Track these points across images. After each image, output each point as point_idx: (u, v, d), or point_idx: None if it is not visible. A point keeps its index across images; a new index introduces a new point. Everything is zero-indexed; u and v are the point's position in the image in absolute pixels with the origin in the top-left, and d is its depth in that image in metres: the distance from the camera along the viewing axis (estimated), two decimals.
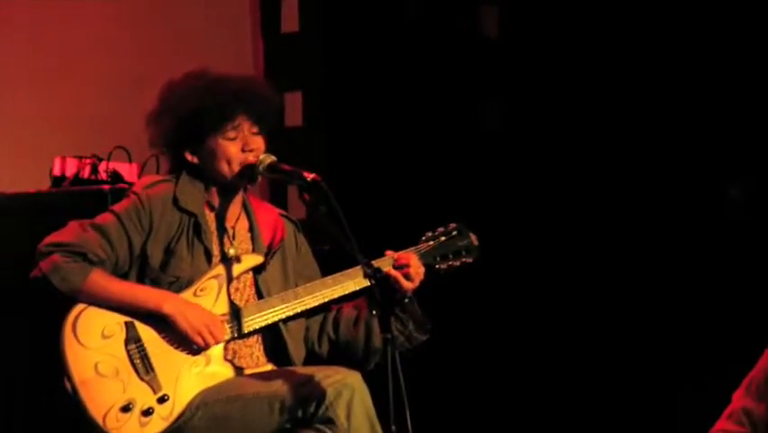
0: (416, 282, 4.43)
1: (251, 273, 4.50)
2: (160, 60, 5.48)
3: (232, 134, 4.46)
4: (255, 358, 4.47)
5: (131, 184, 5.13)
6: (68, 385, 4.31)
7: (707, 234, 5.69)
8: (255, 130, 4.48)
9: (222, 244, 4.50)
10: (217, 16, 6.07)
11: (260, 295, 4.48)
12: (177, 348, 4.37)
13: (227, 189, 4.53)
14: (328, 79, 6.01)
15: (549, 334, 5.79)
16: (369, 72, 5.96)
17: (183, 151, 4.50)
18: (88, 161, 5.49)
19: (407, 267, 4.43)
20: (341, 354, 4.53)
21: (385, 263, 4.42)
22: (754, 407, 4.59)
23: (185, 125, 4.46)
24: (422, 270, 4.45)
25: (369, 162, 5.88)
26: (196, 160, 4.49)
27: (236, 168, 4.46)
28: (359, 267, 4.32)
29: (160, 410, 4.30)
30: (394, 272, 4.41)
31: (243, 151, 4.45)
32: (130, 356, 4.33)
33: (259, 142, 4.48)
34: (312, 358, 4.55)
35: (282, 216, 4.67)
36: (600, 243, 5.81)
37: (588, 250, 5.82)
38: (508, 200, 5.81)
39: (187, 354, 4.38)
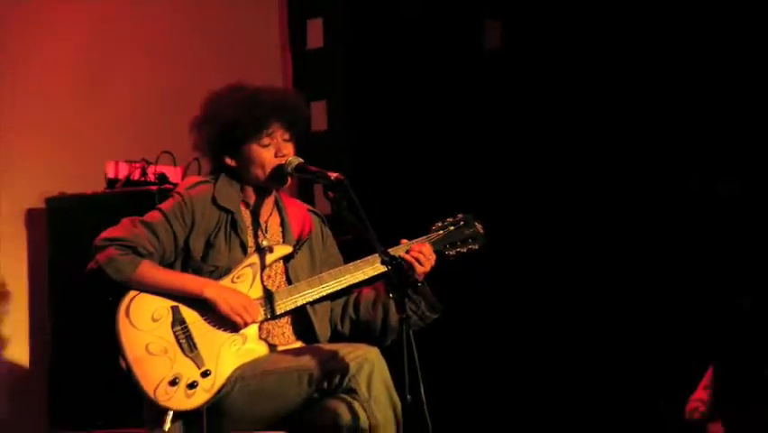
0: (428, 268, 4.46)
1: (281, 262, 4.52)
2: (199, 74, 5.52)
3: (266, 141, 4.49)
4: (286, 336, 4.50)
5: (175, 185, 5.15)
6: (122, 363, 4.36)
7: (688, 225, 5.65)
8: (287, 137, 4.51)
9: (256, 236, 4.53)
10: (250, 34, 6.10)
11: (289, 281, 4.51)
12: (217, 328, 4.41)
13: (261, 189, 4.56)
14: (349, 89, 6.01)
15: (547, 306, 5.75)
16: (385, 83, 5.97)
17: (223, 155, 4.52)
18: (138, 164, 5.53)
19: (421, 254, 4.45)
20: (361, 333, 4.56)
21: (400, 251, 4.45)
22: None
23: (225, 133, 4.48)
24: (433, 256, 4.48)
25: (386, 162, 5.89)
26: (234, 163, 4.52)
27: (269, 171, 4.49)
28: (377, 255, 4.33)
29: (204, 384, 4.34)
30: (409, 258, 4.43)
31: (276, 156, 4.48)
32: (176, 336, 4.37)
33: (289, 148, 4.51)
34: (335, 336, 4.58)
35: (310, 211, 4.71)
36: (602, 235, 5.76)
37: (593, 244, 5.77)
38: (512, 194, 5.79)
39: (227, 333, 4.41)
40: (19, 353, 5.62)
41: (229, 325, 4.40)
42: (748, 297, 5.65)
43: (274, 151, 4.48)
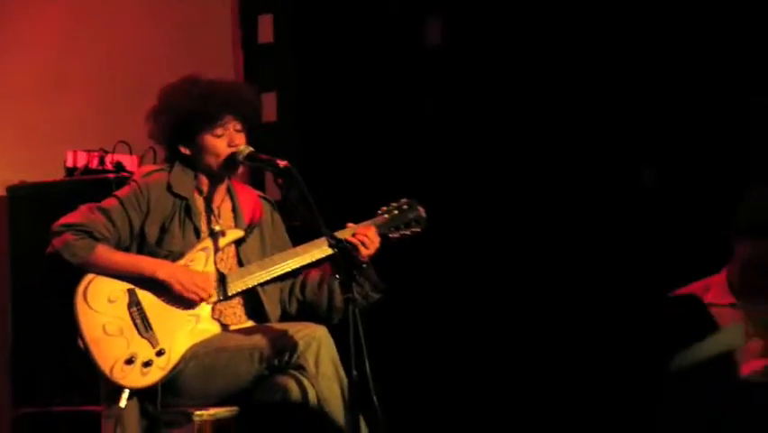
0: (373, 250, 4.47)
1: (233, 245, 4.53)
2: (155, 68, 5.48)
3: (219, 132, 4.48)
4: (238, 316, 4.50)
5: (131, 173, 5.13)
6: (80, 343, 4.35)
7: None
8: (239, 128, 4.51)
9: (209, 221, 4.53)
10: (204, 29, 6.08)
11: (241, 264, 4.52)
12: (172, 308, 4.40)
13: (214, 177, 4.55)
14: (298, 82, 6.01)
15: (495, 284, 5.73)
16: (331, 76, 5.97)
17: (178, 145, 4.52)
18: (96, 153, 5.51)
19: (365, 237, 4.46)
20: (307, 313, 4.56)
21: (346, 234, 4.46)
22: None
23: (180, 124, 4.48)
24: (377, 239, 4.49)
25: (333, 150, 5.89)
26: (188, 152, 4.51)
27: (222, 160, 4.48)
28: (324, 238, 4.35)
29: (158, 362, 4.34)
30: (354, 241, 4.44)
31: (229, 146, 4.47)
32: (132, 317, 4.36)
33: (242, 138, 4.51)
34: (284, 316, 4.59)
35: (261, 197, 4.71)
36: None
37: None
38: (454, 181, 5.79)
39: (182, 312, 4.40)
40: None
41: (183, 304, 4.41)
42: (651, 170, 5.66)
43: (227, 141, 4.48)
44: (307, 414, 4.22)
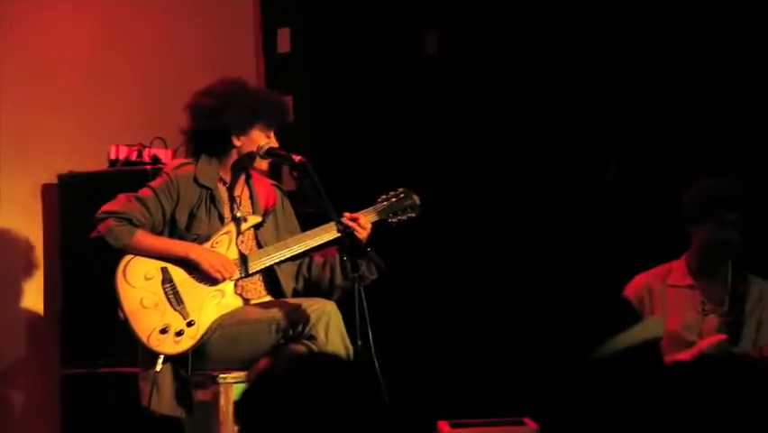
0: (367, 230, 4.41)
1: (252, 229, 4.54)
2: (187, 74, 5.49)
3: (268, 132, 4.48)
4: (257, 292, 4.52)
5: (165, 165, 5.12)
6: (120, 315, 4.39)
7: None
8: (270, 134, 4.51)
9: (231, 209, 4.53)
10: (229, 41, 6.09)
11: (259, 246, 4.53)
12: (200, 285, 4.43)
13: (236, 168, 4.54)
14: (311, 87, 6.01)
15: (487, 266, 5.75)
16: (342, 82, 5.98)
17: (233, 134, 4.45)
18: (135, 147, 5.51)
19: (358, 219, 4.42)
20: (312, 290, 4.56)
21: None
22: None
23: (247, 115, 4.43)
24: (369, 224, 4.44)
25: (341, 146, 5.90)
26: (239, 143, 4.46)
27: (245, 154, 4.47)
28: (331, 223, 4.36)
29: (189, 332, 4.36)
30: (350, 223, 4.38)
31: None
32: (165, 293, 4.39)
33: (274, 142, 4.51)
34: (292, 292, 4.59)
35: (274, 185, 4.70)
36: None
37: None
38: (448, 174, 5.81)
39: (208, 288, 4.42)
40: (35, 304, 5.62)
41: (210, 281, 4.42)
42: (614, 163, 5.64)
43: (268, 140, 4.46)
44: None
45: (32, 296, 5.60)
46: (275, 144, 4.49)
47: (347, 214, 4.46)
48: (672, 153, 5.51)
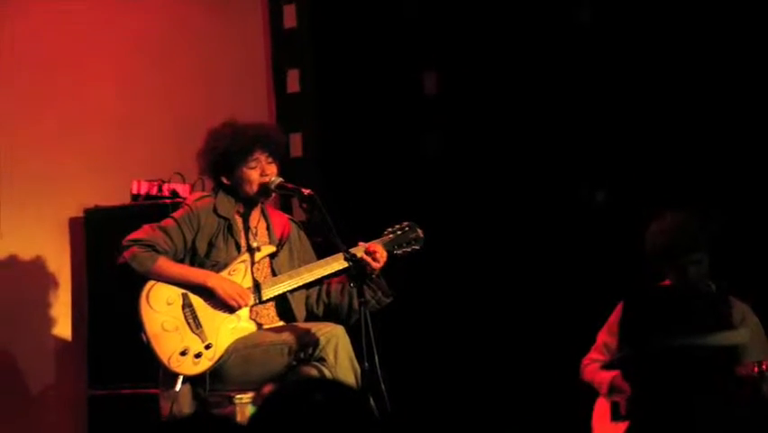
0: (381, 263, 4.42)
1: (267, 258, 4.51)
2: (203, 113, 5.45)
3: (253, 164, 4.45)
4: (271, 317, 4.49)
5: (184, 198, 5.11)
6: (143, 338, 4.35)
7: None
8: (270, 160, 4.47)
9: (247, 238, 4.50)
10: (243, 81, 6.09)
11: (273, 274, 4.50)
12: (217, 310, 4.39)
13: (251, 202, 4.52)
14: (319, 125, 6.00)
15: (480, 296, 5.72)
16: (347, 120, 5.97)
17: (220, 176, 4.49)
18: (155, 183, 5.48)
19: (375, 253, 4.41)
20: (331, 314, 4.53)
21: (359, 251, 4.42)
22: (610, 341, 4.59)
23: (221, 159, 4.45)
24: (385, 255, 4.44)
25: (348, 180, 5.88)
26: (229, 182, 4.48)
27: (256, 188, 4.45)
28: (341, 253, 4.33)
29: (207, 354, 4.33)
30: (366, 257, 4.39)
31: (261, 176, 4.44)
32: (185, 317, 4.36)
33: (272, 169, 4.47)
34: (311, 317, 4.56)
35: (289, 219, 4.69)
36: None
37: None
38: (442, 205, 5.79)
39: (225, 314, 4.39)
40: (64, 330, 5.58)
41: (226, 308, 4.38)
42: (602, 191, 5.60)
43: (260, 171, 4.44)
44: None
45: (61, 322, 5.56)
46: (274, 173, 4.45)
47: (364, 244, 4.43)
48: (654, 182, 5.48)
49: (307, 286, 4.51)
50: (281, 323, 4.47)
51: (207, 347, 4.32)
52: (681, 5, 5.41)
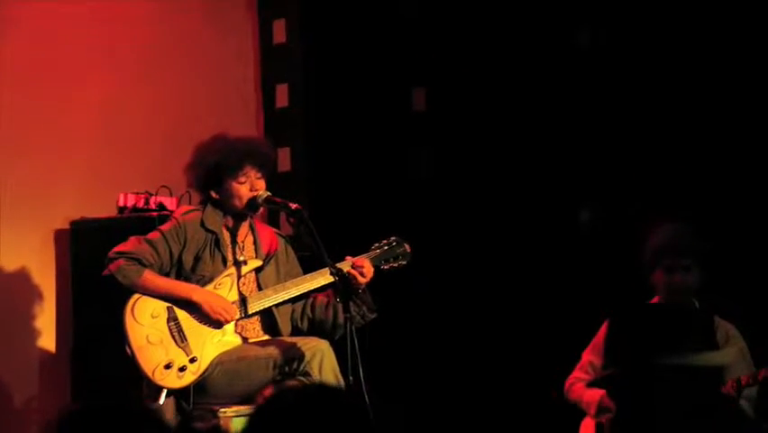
0: (368, 278, 4.41)
1: (254, 272, 4.49)
2: (192, 128, 5.43)
3: (242, 179, 4.44)
4: (256, 331, 4.46)
5: (171, 212, 5.09)
6: (128, 350, 4.33)
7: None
8: (259, 175, 4.46)
9: (234, 252, 4.48)
10: (232, 97, 6.08)
11: (259, 288, 4.48)
12: (202, 324, 4.38)
13: (239, 216, 4.51)
14: (307, 139, 6.00)
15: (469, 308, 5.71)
16: (334, 135, 5.97)
17: (209, 189, 4.47)
18: (142, 195, 5.45)
19: (362, 268, 4.40)
20: (316, 329, 4.51)
21: (345, 265, 4.40)
22: (596, 360, 4.57)
23: (210, 173, 4.44)
24: (372, 270, 4.42)
25: (335, 195, 5.87)
26: (217, 196, 4.47)
27: (245, 202, 4.44)
28: (327, 268, 4.31)
29: (191, 367, 4.31)
30: (353, 271, 4.38)
31: (250, 190, 4.43)
32: (170, 330, 4.34)
33: (261, 184, 4.46)
34: (295, 332, 4.54)
35: (276, 233, 4.67)
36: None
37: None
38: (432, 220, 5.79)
39: (210, 328, 4.37)
40: (48, 343, 5.54)
41: (212, 322, 4.35)
42: (586, 211, 5.60)
43: (249, 186, 4.43)
44: None
45: (46, 335, 5.52)
46: (263, 188, 4.43)
47: (351, 259, 4.42)
48: (643, 200, 5.49)
49: (293, 300, 4.49)
50: (266, 337, 4.44)
51: (192, 361, 4.29)
52: (671, 30, 5.43)
